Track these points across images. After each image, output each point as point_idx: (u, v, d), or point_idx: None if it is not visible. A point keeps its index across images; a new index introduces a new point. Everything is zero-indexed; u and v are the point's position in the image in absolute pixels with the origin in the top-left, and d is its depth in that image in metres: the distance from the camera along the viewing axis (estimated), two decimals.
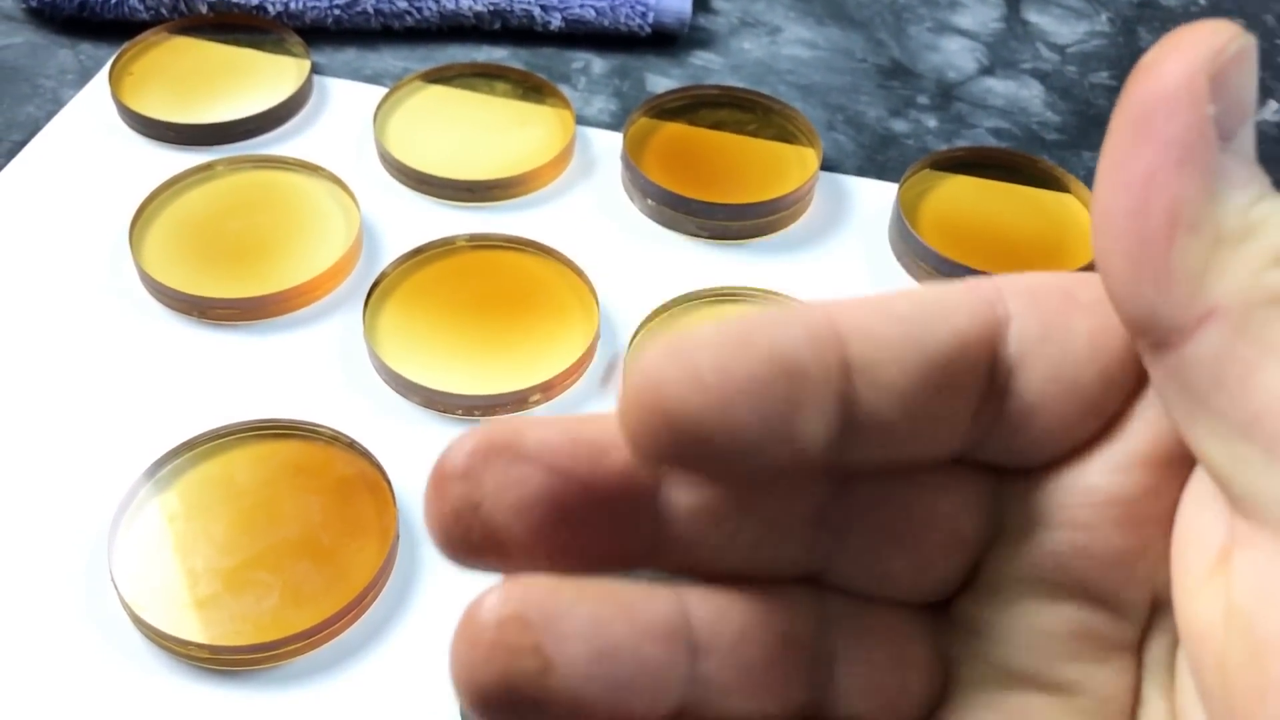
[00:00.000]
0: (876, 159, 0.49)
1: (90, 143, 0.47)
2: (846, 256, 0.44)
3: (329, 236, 0.43)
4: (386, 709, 0.31)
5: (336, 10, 0.52)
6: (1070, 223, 0.45)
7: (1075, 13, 0.57)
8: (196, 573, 0.33)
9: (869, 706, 0.16)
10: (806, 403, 0.13)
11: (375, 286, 0.41)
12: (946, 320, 0.15)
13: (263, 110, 0.47)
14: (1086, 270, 0.18)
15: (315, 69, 0.50)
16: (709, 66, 0.53)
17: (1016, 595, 0.15)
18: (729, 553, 0.15)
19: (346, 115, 0.49)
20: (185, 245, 0.42)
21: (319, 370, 0.39)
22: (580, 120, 0.49)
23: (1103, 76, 0.54)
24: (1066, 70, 0.54)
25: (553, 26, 0.53)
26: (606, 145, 0.48)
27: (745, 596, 0.15)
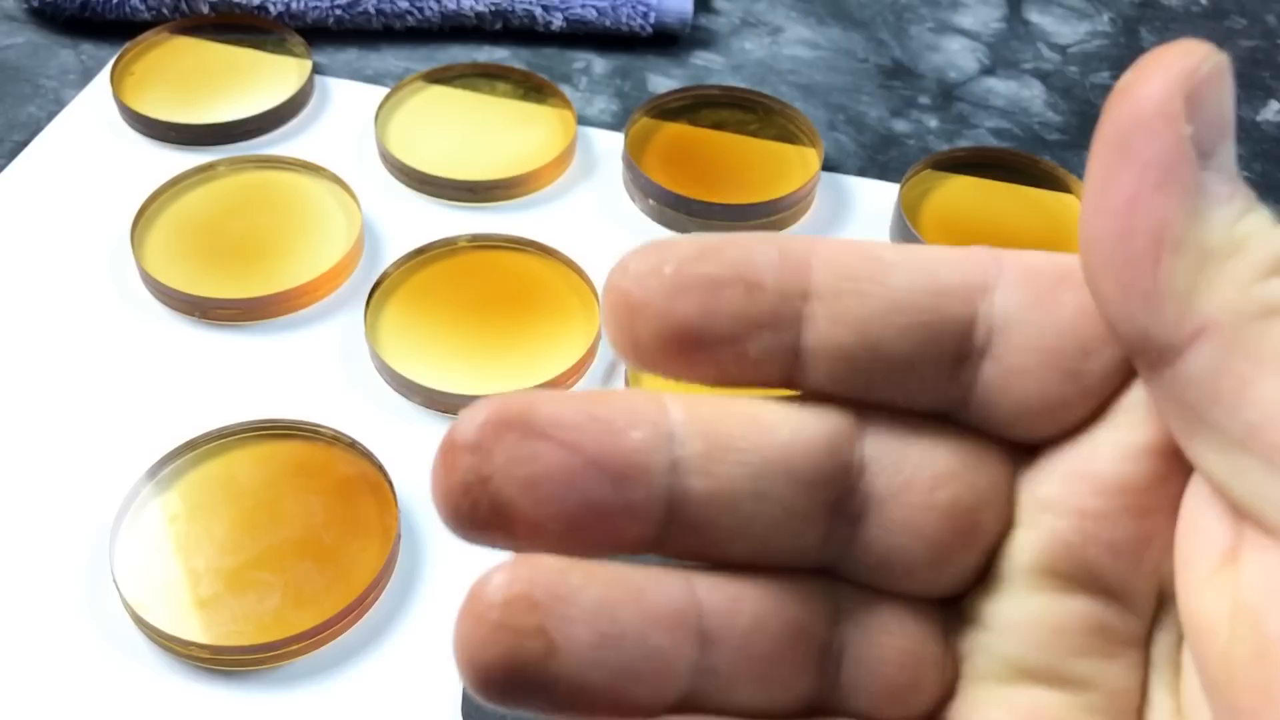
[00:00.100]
0: (878, 159, 0.49)
1: (92, 143, 0.47)
2: None
3: (330, 237, 0.43)
4: (388, 709, 0.31)
5: (338, 10, 0.52)
6: (1071, 222, 0.45)
7: (1076, 13, 0.57)
8: (198, 573, 0.33)
9: (877, 701, 0.16)
10: (758, 316, 0.14)
11: (376, 287, 0.41)
12: (925, 268, 0.15)
13: (264, 110, 0.47)
14: None
15: (316, 69, 0.50)
16: (710, 66, 0.53)
17: (1027, 589, 0.15)
18: (742, 539, 0.15)
19: (348, 115, 0.49)
20: (187, 245, 0.43)
21: (320, 370, 0.39)
22: (581, 120, 0.49)
23: (1104, 76, 0.54)
24: (1068, 70, 0.54)
25: (554, 26, 0.53)
26: (608, 145, 0.48)
27: (757, 586, 0.15)
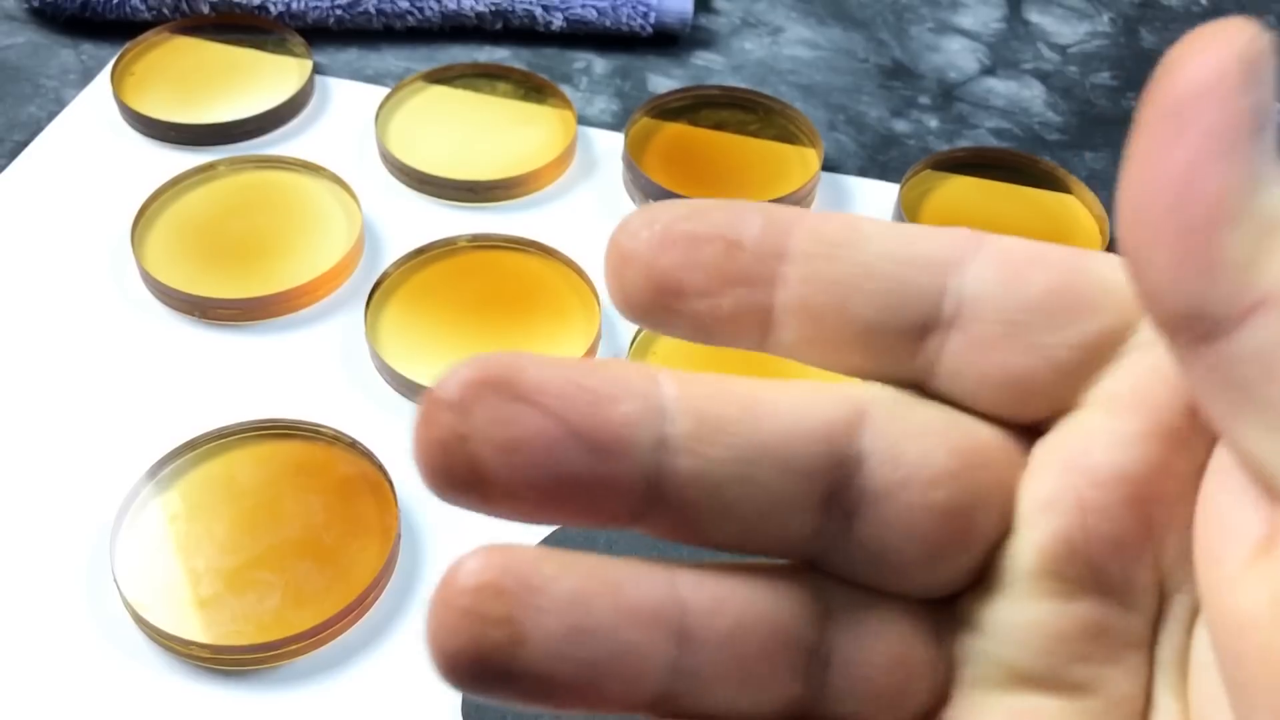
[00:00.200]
0: (878, 159, 0.49)
1: (92, 143, 0.47)
2: None
3: (330, 237, 0.43)
4: (388, 708, 0.31)
5: (338, 10, 0.52)
6: (1071, 223, 0.45)
7: (1077, 13, 0.57)
8: (198, 572, 0.33)
9: (866, 706, 0.15)
10: (734, 273, 0.15)
11: (377, 286, 0.41)
12: (902, 240, 0.15)
13: (264, 110, 0.47)
14: None
15: (317, 69, 0.50)
16: (710, 67, 0.53)
17: (1027, 592, 0.15)
18: (727, 524, 0.15)
19: (348, 115, 0.49)
20: (187, 245, 0.43)
21: (321, 370, 0.39)
22: (582, 120, 0.49)
23: (1104, 77, 0.54)
24: (1068, 70, 0.54)
25: (554, 27, 0.53)
26: (608, 145, 0.48)
27: (743, 585, 0.15)
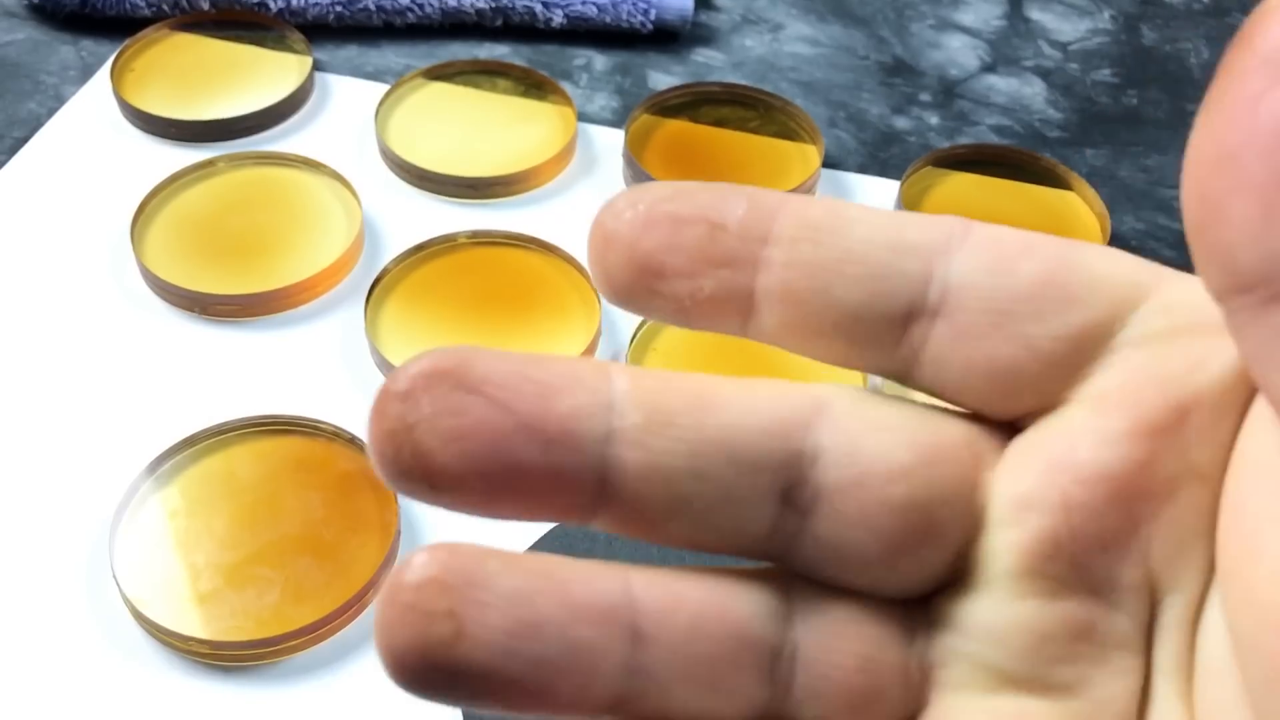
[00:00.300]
0: (878, 156, 0.49)
1: (92, 139, 0.47)
2: None
3: (330, 233, 0.43)
4: (387, 705, 0.31)
5: (338, 7, 0.52)
6: (1072, 220, 0.45)
7: (1078, 10, 0.57)
8: (198, 568, 0.33)
9: (834, 709, 0.15)
10: (717, 255, 0.15)
11: (376, 283, 0.41)
12: (889, 226, 0.15)
13: (264, 107, 0.47)
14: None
15: (317, 66, 0.50)
16: (711, 63, 0.53)
17: (1005, 590, 0.15)
18: (680, 519, 0.15)
19: (348, 112, 0.49)
20: (187, 242, 0.42)
21: (320, 366, 0.39)
22: (582, 117, 0.49)
23: (1105, 74, 0.54)
24: (1069, 68, 0.54)
25: (554, 23, 0.53)
26: (608, 142, 0.48)
27: (701, 585, 0.15)
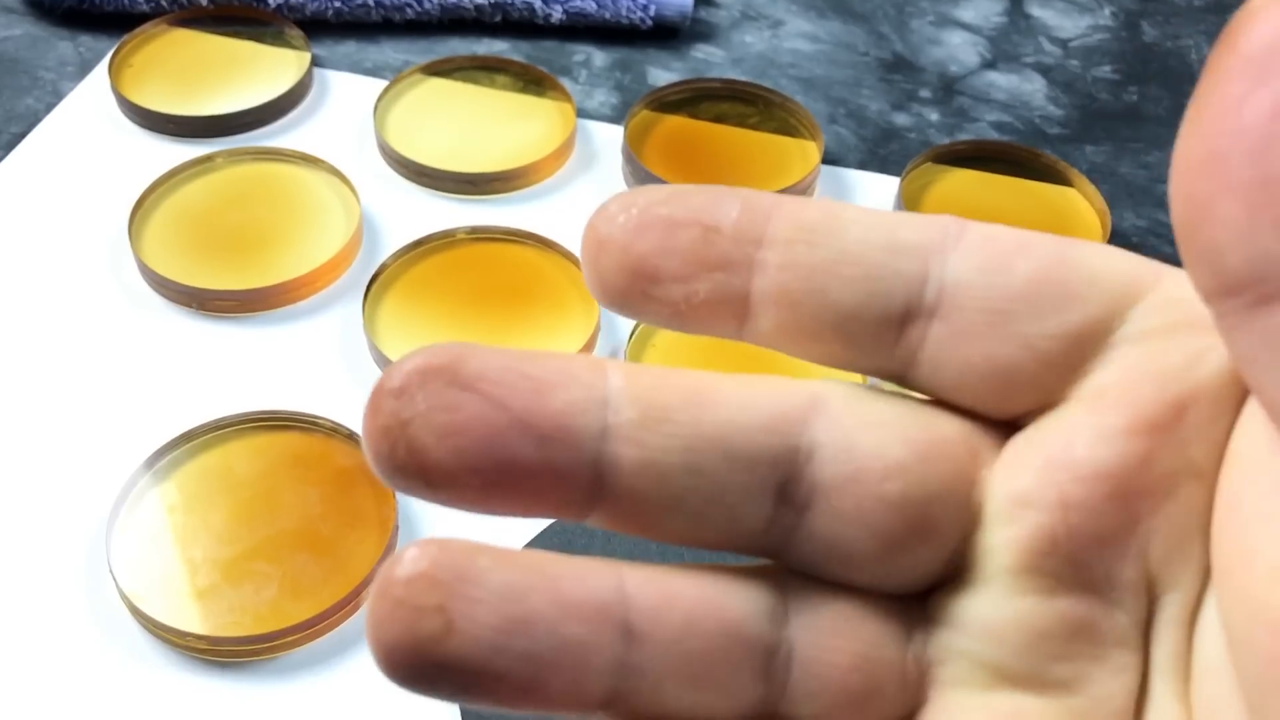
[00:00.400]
0: (878, 152, 0.49)
1: (90, 135, 0.47)
2: None
3: (329, 229, 0.43)
4: (385, 700, 0.31)
5: (337, 3, 0.51)
6: (1072, 216, 0.45)
7: (1078, 6, 0.57)
8: (195, 563, 0.33)
9: (832, 708, 0.15)
10: (711, 259, 0.15)
11: (375, 279, 0.41)
12: (883, 227, 0.15)
13: (263, 103, 0.47)
14: None
15: (315, 61, 0.50)
16: (710, 59, 0.53)
17: (1003, 587, 0.15)
18: (676, 515, 0.15)
19: (347, 108, 0.49)
20: (185, 237, 0.42)
21: (319, 362, 0.39)
22: (581, 113, 0.49)
23: (1105, 70, 0.53)
24: (1069, 64, 0.54)
25: (554, 19, 0.52)
26: (607, 138, 0.48)
27: (695, 582, 0.15)
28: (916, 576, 0.15)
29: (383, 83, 0.49)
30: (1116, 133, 0.50)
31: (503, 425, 0.14)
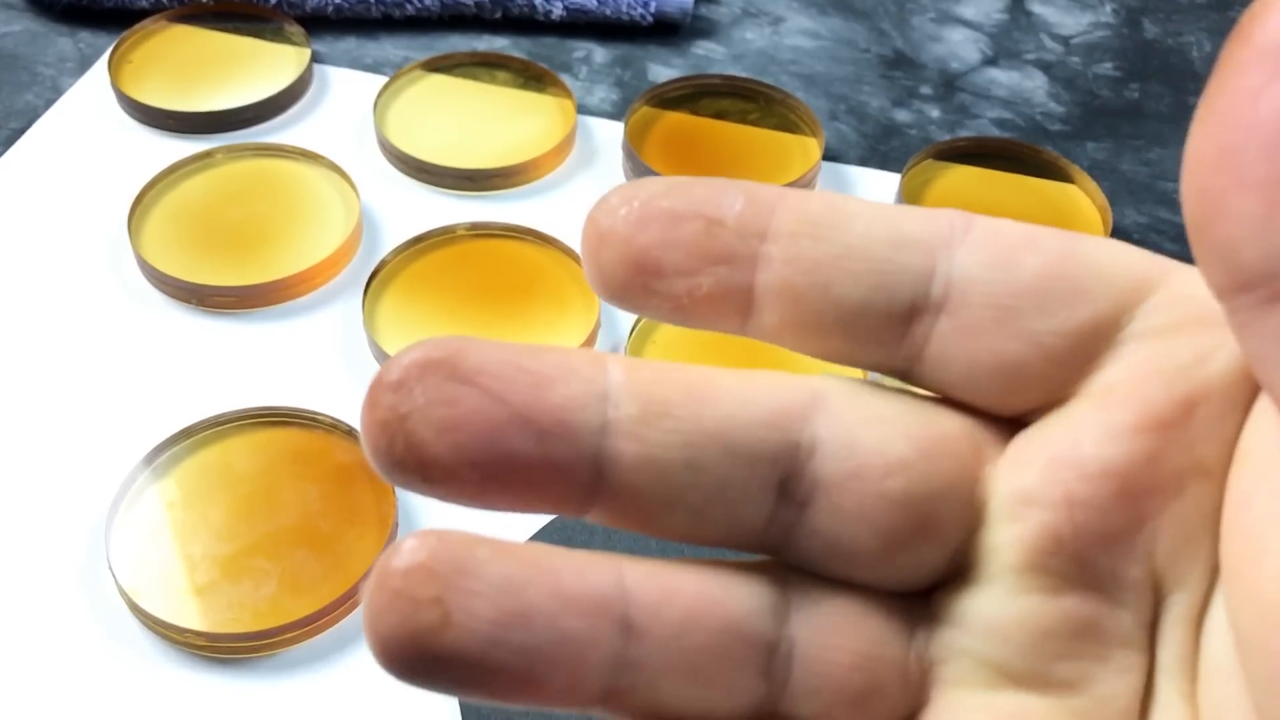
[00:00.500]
0: (879, 149, 0.49)
1: (89, 131, 0.47)
2: None
3: (329, 225, 0.43)
4: (384, 697, 0.31)
5: None
6: (1074, 213, 0.45)
7: (1079, 3, 0.57)
8: (194, 560, 0.33)
9: (833, 706, 0.15)
10: (715, 252, 0.15)
11: (375, 275, 0.41)
12: (889, 221, 0.15)
13: (262, 99, 0.47)
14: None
15: (315, 57, 0.50)
16: (711, 56, 0.53)
17: (1007, 585, 0.14)
18: (676, 511, 0.14)
19: (346, 104, 0.49)
20: (184, 233, 0.42)
21: (318, 358, 0.39)
22: (581, 110, 0.49)
23: (1107, 67, 0.53)
24: (1070, 61, 0.54)
25: (554, 16, 0.52)
26: (608, 135, 0.48)
27: (695, 578, 0.15)
28: (919, 574, 0.15)
29: (383, 79, 0.49)
30: (1118, 129, 0.50)
31: (502, 420, 0.14)
